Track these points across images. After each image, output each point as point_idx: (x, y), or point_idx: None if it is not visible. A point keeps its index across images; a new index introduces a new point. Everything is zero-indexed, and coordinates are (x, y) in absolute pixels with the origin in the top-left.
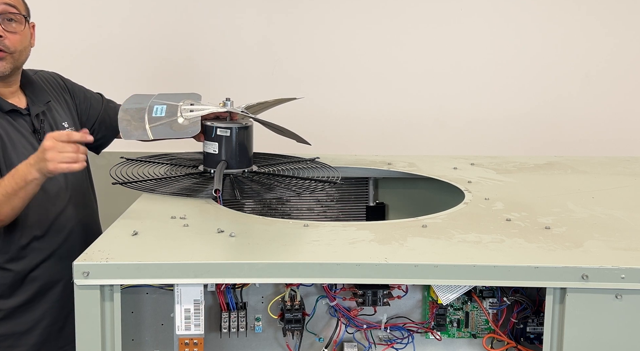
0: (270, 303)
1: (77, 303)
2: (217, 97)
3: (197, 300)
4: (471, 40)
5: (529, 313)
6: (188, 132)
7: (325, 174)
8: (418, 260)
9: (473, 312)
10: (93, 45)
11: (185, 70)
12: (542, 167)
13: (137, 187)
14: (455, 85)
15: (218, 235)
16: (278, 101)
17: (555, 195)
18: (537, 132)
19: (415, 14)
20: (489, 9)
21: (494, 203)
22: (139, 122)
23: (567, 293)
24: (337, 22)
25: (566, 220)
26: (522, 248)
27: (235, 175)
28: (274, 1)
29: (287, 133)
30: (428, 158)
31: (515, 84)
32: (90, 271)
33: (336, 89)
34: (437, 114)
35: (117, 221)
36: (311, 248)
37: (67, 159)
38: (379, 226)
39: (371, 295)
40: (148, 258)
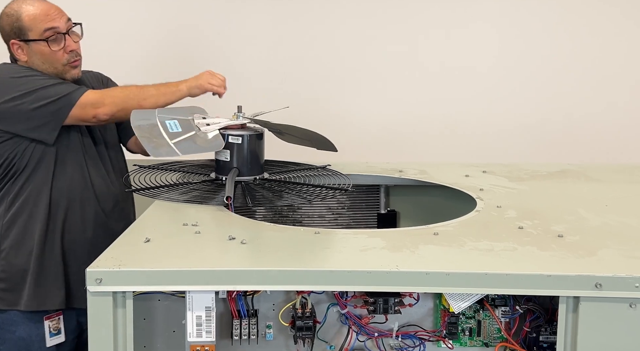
0: (282, 310)
1: (90, 310)
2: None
3: (208, 307)
4: (483, 47)
5: (541, 322)
6: (213, 146)
7: (337, 181)
8: (429, 268)
9: (485, 321)
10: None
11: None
12: (555, 174)
13: (149, 194)
14: (467, 92)
15: (229, 242)
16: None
17: (568, 202)
18: (549, 139)
19: (426, 21)
20: (500, 16)
21: (506, 211)
22: (159, 139)
23: (581, 302)
24: (348, 28)
25: (579, 228)
26: (535, 256)
27: (247, 183)
28: (284, 8)
29: (308, 136)
30: (439, 165)
31: (528, 91)
32: (103, 278)
33: (347, 96)
34: (448, 122)
35: (129, 228)
36: (322, 256)
37: (217, 82)
38: (390, 233)
39: (382, 302)
40: (160, 265)
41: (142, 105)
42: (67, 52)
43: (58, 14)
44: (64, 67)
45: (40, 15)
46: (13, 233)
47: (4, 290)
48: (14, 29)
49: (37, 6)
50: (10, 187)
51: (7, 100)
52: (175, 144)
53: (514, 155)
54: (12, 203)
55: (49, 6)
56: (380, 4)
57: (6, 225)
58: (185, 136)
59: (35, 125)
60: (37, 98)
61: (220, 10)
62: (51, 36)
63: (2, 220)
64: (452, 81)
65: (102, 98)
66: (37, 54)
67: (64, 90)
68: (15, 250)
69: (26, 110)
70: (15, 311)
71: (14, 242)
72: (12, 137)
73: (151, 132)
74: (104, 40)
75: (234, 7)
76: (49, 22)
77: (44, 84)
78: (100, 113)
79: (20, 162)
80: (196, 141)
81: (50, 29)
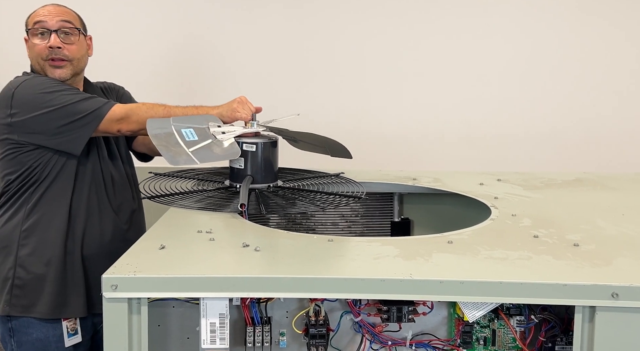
0: (295, 317)
1: (106, 316)
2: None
3: (222, 314)
4: (498, 56)
5: (557, 332)
6: (229, 154)
7: (350, 189)
8: (443, 276)
9: (500, 330)
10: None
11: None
12: (570, 183)
13: (164, 201)
14: (481, 100)
15: (243, 250)
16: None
17: (584, 211)
18: (565, 148)
19: (442, 30)
20: (516, 25)
21: (521, 219)
22: (177, 147)
23: (597, 312)
24: (364, 37)
25: (595, 237)
26: (550, 265)
27: (261, 190)
28: (299, 16)
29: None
30: (454, 174)
31: (543, 99)
32: (118, 284)
33: (361, 104)
34: (463, 130)
35: (145, 234)
36: (336, 263)
37: (246, 113)
38: (403, 241)
39: (396, 311)
40: (175, 272)
41: None
42: (47, 48)
43: (55, 13)
44: (44, 62)
45: (40, 13)
46: (32, 242)
47: (18, 296)
48: (25, 25)
49: (46, 7)
50: (29, 196)
51: (38, 115)
52: (193, 153)
53: (529, 164)
54: (31, 212)
55: (55, 8)
56: (397, 12)
57: (24, 234)
58: (202, 144)
59: (64, 139)
60: (68, 114)
61: (234, 19)
62: (37, 28)
63: (20, 228)
64: (466, 89)
65: (128, 115)
66: (28, 48)
67: (93, 105)
68: (33, 258)
69: (56, 125)
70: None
71: (32, 250)
72: (37, 147)
73: (168, 141)
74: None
75: (247, 16)
76: (40, 17)
77: (74, 99)
78: (124, 129)
79: (42, 172)
80: (213, 149)
81: (37, 23)
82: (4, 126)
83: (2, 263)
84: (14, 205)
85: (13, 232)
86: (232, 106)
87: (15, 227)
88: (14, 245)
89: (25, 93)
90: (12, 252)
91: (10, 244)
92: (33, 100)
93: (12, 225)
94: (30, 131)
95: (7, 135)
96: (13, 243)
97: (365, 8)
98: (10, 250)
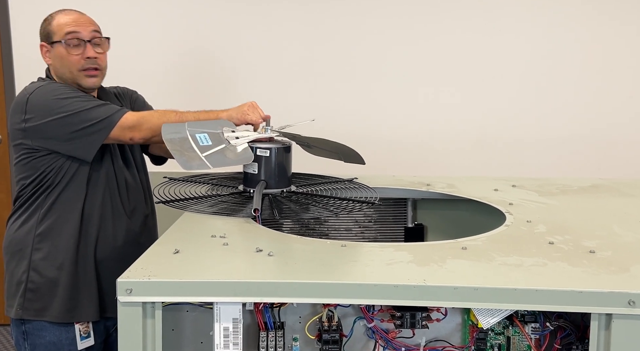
0: (308, 323)
1: (120, 320)
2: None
3: (235, 319)
4: (512, 61)
5: (573, 340)
6: (243, 159)
7: (364, 195)
8: (457, 283)
9: (515, 337)
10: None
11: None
12: (586, 189)
13: (178, 205)
14: (496, 106)
15: (257, 254)
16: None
17: (600, 218)
18: (581, 154)
19: (457, 35)
20: (531, 30)
21: (537, 225)
22: (191, 152)
23: (613, 319)
24: (378, 42)
25: (612, 244)
26: (566, 272)
27: (274, 195)
28: (313, 22)
29: (337, 149)
30: (468, 179)
31: (558, 104)
32: (133, 288)
33: (375, 109)
34: (477, 135)
35: (159, 239)
36: (349, 269)
37: (256, 117)
38: (417, 247)
39: (409, 317)
40: (188, 276)
41: None
42: (84, 58)
43: (85, 23)
44: (78, 72)
45: (68, 22)
46: (45, 246)
47: (31, 300)
48: (44, 32)
49: (70, 14)
50: (42, 201)
51: (51, 121)
52: (206, 157)
53: (544, 170)
54: (45, 217)
55: (80, 16)
56: (411, 18)
57: (38, 239)
58: (216, 149)
59: (76, 146)
60: (80, 120)
61: (248, 24)
62: (71, 39)
63: (34, 232)
64: (482, 94)
65: (139, 123)
66: (57, 57)
67: (106, 112)
68: (46, 262)
69: (69, 131)
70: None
71: (45, 255)
72: (50, 152)
73: (182, 146)
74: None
75: (260, 21)
76: (73, 27)
77: (87, 106)
78: (137, 136)
79: (55, 177)
80: (226, 154)
81: (71, 33)
82: (18, 131)
83: (16, 267)
84: (29, 210)
85: (27, 236)
86: (242, 109)
87: (29, 231)
88: (27, 249)
89: (40, 99)
90: (25, 256)
91: (24, 248)
92: (47, 105)
93: (26, 229)
94: (44, 136)
95: (21, 140)
96: (27, 247)
97: (380, 13)
98: (24, 254)
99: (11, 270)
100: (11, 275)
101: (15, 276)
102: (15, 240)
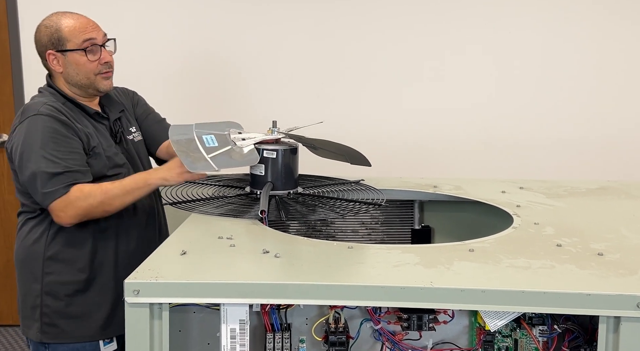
0: (315, 324)
1: (128, 321)
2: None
3: (242, 320)
4: (519, 62)
5: (581, 342)
6: (248, 161)
7: (370, 196)
8: (465, 285)
9: (522, 340)
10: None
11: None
12: (594, 191)
13: (186, 207)
14: (504, 107)
15: (263, 256)
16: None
17: (609, 220)
18: (589, 156)
19: (462, 36)
20: (537, 31)
21: (544, 228)
22: (196, 153)
23: (622, 322)
24: (383, 44)
25: (620, 246)
26: (574, 274)
27: (281, 197)
28: (318, 24)
29: (343, 151)
30: (475, 181)
31: (566, 106)
32: (140, 289)
33: (381, 111)
34: (485, 137)
35: (166, 240)
36: (355, 271)
37: (187, 175)
38: (424, 249)
39: (416, 319)
40: (195, 278)
41: (107, 211)
42: (102, 63)
43: (95, 27)
44: (96, 77)
45: (80, 27)
46: (57, 268)
47: (49, 324)
48: (52, 39)
49: (76, 19)
50: (49, 221)
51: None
52: (212, 158)
53: (552, 172)
54: (54, 239)
55: (87, 20)
56: (415, 18)
57: (48, 262)
58: (222, 151)
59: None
60: (26, 178)
61: (254, 27)
62: (89, 47)
63: (44, 255)
64: (488, 96)
65: (65, 208)
66: (72, 64)
67: (44, 186)
68: (59, 285)
69: (22, 180)
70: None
71: (58, 277)
72: None
73: (188, 147)
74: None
75: (267, 24)
76: (88, 33)
77: (38, 167)
78: (63, 222)
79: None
80: (232, 156)
81: (88, 40)
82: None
83: (29, 290)
84: (36, 229)
85: (36, 258)
86: (171, 167)
87: (38, 253)
88: (38, 271)
89: (27, 136)
90: (38, 279)
91: (35, 270)
92: (27, 145)
93: (36, 251)
94: (12, 163)
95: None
96: (38, 270)
97: (385, 16)
98: (36, 277)
99: (24, 290)
100: (24, 295)
101: (29, 300)
102: (26, 260)
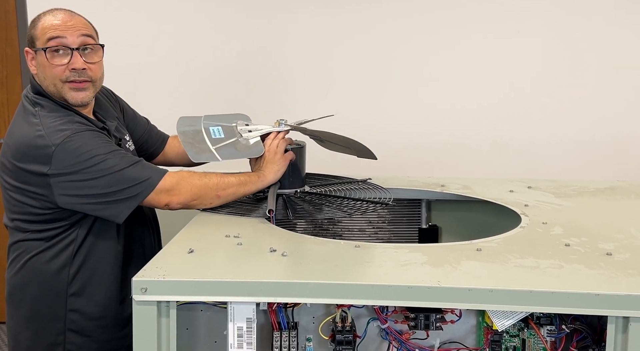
0: (321, 323)
1: (135, 319)
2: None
3: (249, 319)
4: (529, 61)
5: (589, 343)
6: (253, 152)
7: (378, 195)
8: (472, 284)
9: (530, 339)
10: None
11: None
12: (603, 191)
13: None
14: (512, 106)
15: (270, 254)
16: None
17: (618, 220)
18: (598, 155)
19: (471, 36)
20: (547, 30)
21: (553, 227)
22: (202, 144)
23: (630, 323)
24: (394, 41)
25: (629, 247)
26: (582, 274)
27: (288, 195)
28: (330, 21)
29: (348, 144)
30: (483, 180)
31: (575, 105)
32: (148, 287)
33: (389, 110)
34: (493, 136)
35: (174, 239)
36: (362, 269)
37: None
38: (431, 248)
39: (423, 318)
40: (203, 276)
41: (219, 196)
42: (69, 69)
43: (73, 26)
44: (63, 84)
45: (52, 25)
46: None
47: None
48: (28, 36)
49: (56, 15)
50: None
51: (80, 181)
52: (217, 150)
53: (560, 171)
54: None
55: (69, 18)
56: (425, 17)
57: (72, 299)
58: (227, 142)
59: (105, 208)
60: (112, 181)
61: (266, 24)
62: (54, 47)
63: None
64: (497, 95)
65: (178, 185)
66: (40, 67)
67: (142, 173)
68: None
69: (96, 193)
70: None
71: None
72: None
73: (194, 138)
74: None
75: (279, 21)
76: (57, 32)
77: (118, 164)
78: (174, 201)
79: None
80: (237, 147)
81: (54, 39)
82: (38, 181)
83: (47, 323)
84: (52, 249)
85: (56, 287)
86: (274, 168)
87: (58, 280)
88: (60, 305)
89: (68, 153)
90: (59, 316)
91: (54, 304)
92: (67, 156)
93: (55, 278)
94: (67, 194)
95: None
96: (60, 305)
97: (393, 13)
98: (56, 312)
99: (36, 328)
100: (34, 333)
101: (47, 336)
102: (45, 298)
